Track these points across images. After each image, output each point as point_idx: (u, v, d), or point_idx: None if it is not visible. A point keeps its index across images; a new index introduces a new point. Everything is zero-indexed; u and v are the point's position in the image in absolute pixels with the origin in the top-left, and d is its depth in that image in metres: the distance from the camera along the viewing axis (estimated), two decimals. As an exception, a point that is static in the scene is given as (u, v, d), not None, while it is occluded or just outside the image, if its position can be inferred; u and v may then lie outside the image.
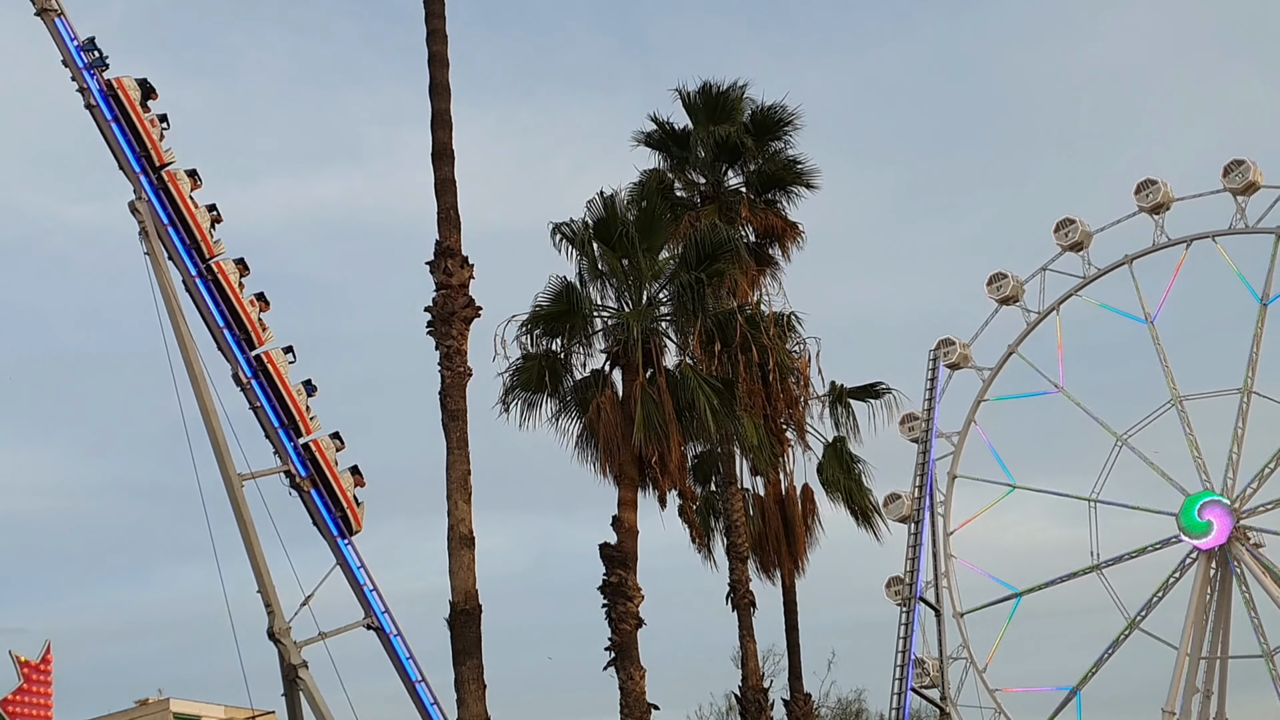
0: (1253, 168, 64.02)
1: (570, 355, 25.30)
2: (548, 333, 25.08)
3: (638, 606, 23.52)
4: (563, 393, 25.25)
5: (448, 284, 21.78)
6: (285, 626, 47.84)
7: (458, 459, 20.83)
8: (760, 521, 30.21)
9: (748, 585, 28.46)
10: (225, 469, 47.86)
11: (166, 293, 48.35)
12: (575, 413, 25.05)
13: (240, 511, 48.23)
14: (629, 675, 23.22)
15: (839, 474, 32.31)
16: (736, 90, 31.77)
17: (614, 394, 24.56)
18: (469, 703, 19.89)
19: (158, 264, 48.19)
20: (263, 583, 48.88)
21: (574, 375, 25.36)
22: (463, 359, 21.53)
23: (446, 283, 21.79)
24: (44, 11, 50.67)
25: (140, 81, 49.08)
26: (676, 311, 25.80)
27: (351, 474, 50.36)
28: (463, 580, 20.38)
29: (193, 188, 49.61)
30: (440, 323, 21.63)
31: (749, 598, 28.37)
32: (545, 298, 24.95)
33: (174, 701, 79.76)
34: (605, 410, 24.12)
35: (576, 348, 25.28)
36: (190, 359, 47.87)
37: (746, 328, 27.12)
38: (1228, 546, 63.84)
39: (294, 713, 49.57)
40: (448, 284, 21.78)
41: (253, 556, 48.35)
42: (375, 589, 51.57)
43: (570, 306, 24.87)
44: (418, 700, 50.71)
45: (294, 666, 47.84)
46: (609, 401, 24.29)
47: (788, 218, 32.30)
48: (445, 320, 21.60)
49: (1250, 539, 63.88)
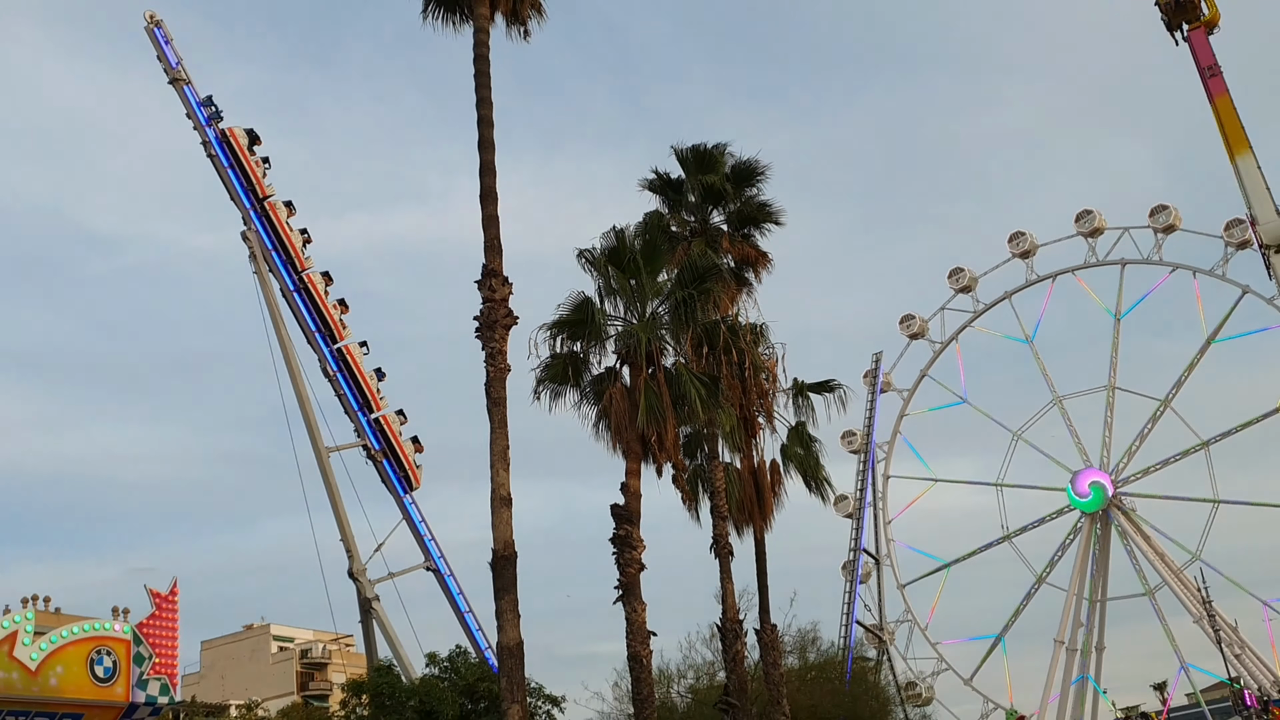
0: (1098, 215, 66.18)
1: (588, 355, 25.22)
2: (570, 337, 24.99)
3: (640, 554, 23.44)
4: (582, 385, 25.17)
5: (492, 298, 21.73)
6: (362, 567, 48.48)
7: (499, 436, 20.77)
8: (737, 488, 30.20)
9: (727, 539, 28.40)
10: (315, 443, 48.54)
11: (270, 303, 48.89)
12: (592, 401, 24.97)
13: (327, 477, 48.92)
14: (633, 609, 23.15)
15: (799, 452, 32.36)
16: (719, 148, 31.88)
17: (623, 387, 24.48)
18: (507, 629, 19.83)
19: (263, 281, 48.65)
20: (344, 533, 49.45)
21: (591, 371, 25.27)
22: (503, 358, 21.47)
23: (491, 297, 21.74)
24: (175, 80, 51.03)
25: (248, 131, 49.69)
26: (673, 322, 25.75)
27: (412, 442, 50.91)
28: (502, 532, 20.31)
29: (289, 215, 50.27)
30: (486, 329, 21.58)
31: (728, 548, 28.31)
32: (568, 309, 24.87)
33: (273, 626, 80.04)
34: (616, 399, 24.07)
35: (593, 349, 25.18)
36: (288, 355, 48.36)
37: (728, 335, 27.18)
38: (1108, 510, 64.18)
39: (369, 635, 49.94)
40: (492, 298, 21.73)
41: (336, 512, 48.91)
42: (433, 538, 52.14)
43: (588, 317, 24.78)
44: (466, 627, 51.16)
45: (368, 600, 48.41)
46: (619, 392, 24.23)
47: (760, 248, 32.29)
48: (490, 327, 21.55)
49: (1125, 503, 64.25)
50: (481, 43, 23.32)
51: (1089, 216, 66.09)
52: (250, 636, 77.93)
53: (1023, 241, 68.03)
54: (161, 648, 33.01)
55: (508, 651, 19.71)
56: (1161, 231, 63.64)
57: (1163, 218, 63.54)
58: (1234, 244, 60.32)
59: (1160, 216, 63.66)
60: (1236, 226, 59.52)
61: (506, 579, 20.05)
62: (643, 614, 23.25)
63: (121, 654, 31.73)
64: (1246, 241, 59.24)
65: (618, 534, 23.51)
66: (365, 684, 39.91)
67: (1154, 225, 63.86)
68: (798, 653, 47.32)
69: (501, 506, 20.39)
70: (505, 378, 21.31)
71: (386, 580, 48.97)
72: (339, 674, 68.90)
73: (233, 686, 71.16)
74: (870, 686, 53.41)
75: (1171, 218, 63.31)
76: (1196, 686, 60.47)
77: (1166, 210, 63.60)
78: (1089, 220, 66.01)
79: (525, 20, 25.06)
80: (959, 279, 69.99)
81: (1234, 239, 60.06)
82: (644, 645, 23.14)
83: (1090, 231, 66.11)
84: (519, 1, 24.65)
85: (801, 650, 47.91)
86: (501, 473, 20.51)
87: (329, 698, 65.35)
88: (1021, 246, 68.06)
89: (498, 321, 21.54)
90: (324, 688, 71.09)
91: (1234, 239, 60.06)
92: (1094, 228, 65.92)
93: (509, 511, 20.46)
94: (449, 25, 24.86)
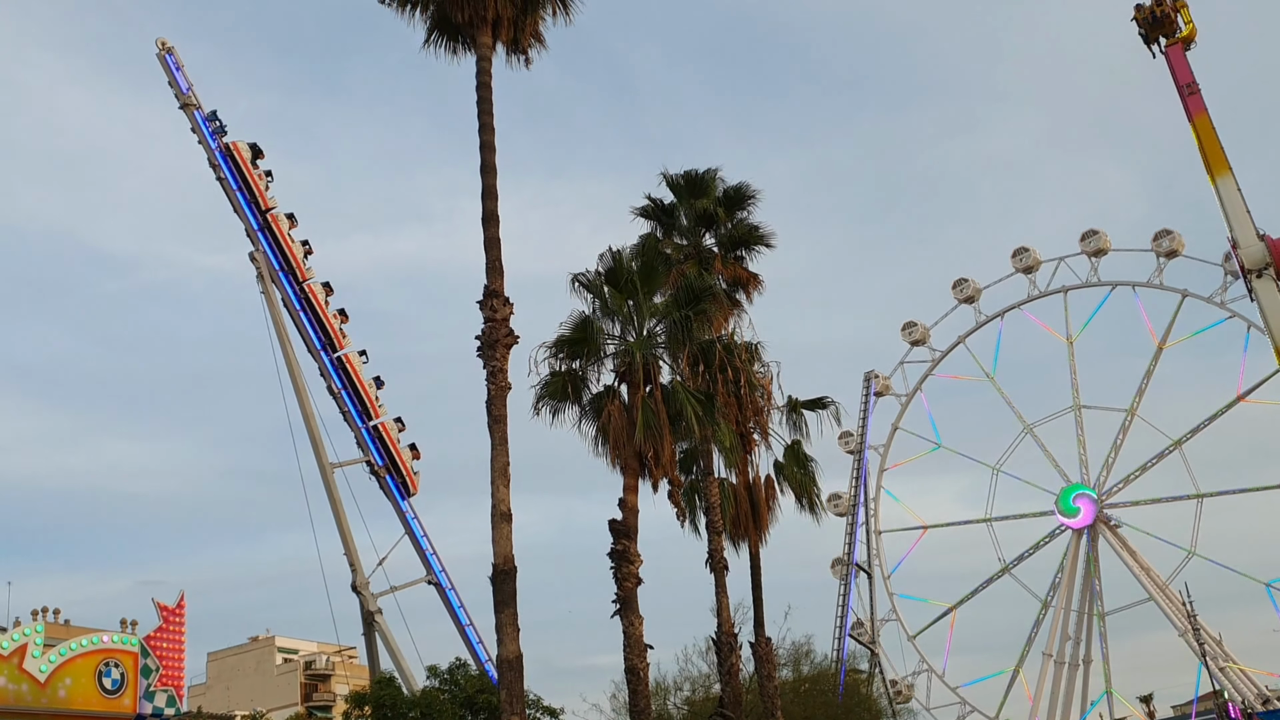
0: (1033, 251, 67.97)
1: (587, 373, 25.33)
2: (570, 356, 25.11)
3: (638, 569, 23.48)
4: (581, 402, 25.27)
5: (493, 318, 21.83)
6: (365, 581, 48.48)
7: (500, 453, 20.85)
8: (733, 504, 30.21)
9: (722, 553, 28.45)
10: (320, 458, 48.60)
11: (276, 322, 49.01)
12: (591, 418, 25.04)
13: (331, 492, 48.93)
14: (630, 622, 23.19)
15: (795, 469, 32.38)
16: (710, 173, 32.19)
17: (621, 404, 24.58)
18: (506, 642, 19.87)
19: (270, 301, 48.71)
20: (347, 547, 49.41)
21: (590, 389, 25.37)
22: (504, 376, 21.55)
23: (492, 317, 21.84)
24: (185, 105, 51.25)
25: (251, 145, 49.93)
26: (669, 341, 25.89)
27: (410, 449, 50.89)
28: (502, 547, 20.37)
29: (290, 227, 50.36)
30: (487, 348, 21.67)
31: (723, 563, 28.35)
32: (568, 329, 25.01)
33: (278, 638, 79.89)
34: (614, 416, 24.18)
35: (592, 368, 25.31)
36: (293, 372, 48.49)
37: (723, 354, 27.33)
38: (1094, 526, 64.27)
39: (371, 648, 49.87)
40: (493, 318, 21.83)
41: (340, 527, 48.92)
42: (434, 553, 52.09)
43: (587, 336, 24.93)
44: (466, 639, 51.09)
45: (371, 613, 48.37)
46: (617, 409, 24.33)
47: (751, 270, 32.49)
48: (491, 346, 21.64)
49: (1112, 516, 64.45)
50: (484, 70, 23.51)
51: (1025, 253, 68.61)
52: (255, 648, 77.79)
53: (1026, 257, 69.47)
54: (168, 660, 33.00)
55: (507, 664, 19.75)
56: (1093, 255, 65.78)
57: (1093, 242, 66.22)
58: (1164, 254, 62.82)
59: (1090, 241, 66.24)
60: (1165, 237, 62.13)
61: (506, 593, 20.11)
62: (640, 627, 23.29)
63: (129, 666, 31.74)
64: (1175, 250, 61.25)
65: (615, 548, 23.56)
66: (368, 695, 39.90)
67: (1085, 250, 66.22)
68: (792, 665, 47.29)
69: (502, 522, 20.45)
70: (506, 395, 21.40)
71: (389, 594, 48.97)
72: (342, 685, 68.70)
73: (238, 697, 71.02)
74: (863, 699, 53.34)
75: (1101, 241, 65.85)
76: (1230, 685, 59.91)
77: (1096, 235, 66.29)
78: (1025, 256, 68.53)
79: (526, 49, 25.25)
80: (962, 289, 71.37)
81: (1163, 249, 62.80)
82: (641, 658, 23.18)
83: (1026, 267, 68.52)
84: (520, 31, 24.84)
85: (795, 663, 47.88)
86: (502, 488, 20.58)
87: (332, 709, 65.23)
88: (1025, 262, 69.46)
89: (499, 341, 21.63)
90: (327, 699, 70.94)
91: (1163, 249, 62.80)
92: (1030, 263, 68.47)
93: (509, 527, 20.52)
94: (451, 54, 25.09)
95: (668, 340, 25.88)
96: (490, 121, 23.20)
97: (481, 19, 23.63)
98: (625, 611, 23.24)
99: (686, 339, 25.64)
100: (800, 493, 32.12)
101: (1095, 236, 65.45)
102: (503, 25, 24.14)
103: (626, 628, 23.21)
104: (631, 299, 25.60)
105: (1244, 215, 36.93)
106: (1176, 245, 63.49)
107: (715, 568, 28.19)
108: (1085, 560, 64.43)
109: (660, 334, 26.03)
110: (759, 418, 30.30)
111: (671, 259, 30.68)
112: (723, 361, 27.06)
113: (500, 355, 21.58)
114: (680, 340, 25.59)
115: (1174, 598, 59.35)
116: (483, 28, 23.70)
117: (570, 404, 25.11)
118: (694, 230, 32.17)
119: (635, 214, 32.35)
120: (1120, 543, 63.66)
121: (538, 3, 24.96)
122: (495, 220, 22.68)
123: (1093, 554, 64.97)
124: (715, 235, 32.41)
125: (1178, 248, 63.68)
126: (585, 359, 25.09)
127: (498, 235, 22.57)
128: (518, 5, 24.26)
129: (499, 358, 21.55)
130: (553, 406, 24.88)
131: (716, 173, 32.01)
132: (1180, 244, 63.43)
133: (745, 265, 32.33)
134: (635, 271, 25.66)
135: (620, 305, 25.64)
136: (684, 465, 29.46)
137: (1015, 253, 68.83)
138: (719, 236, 32.39)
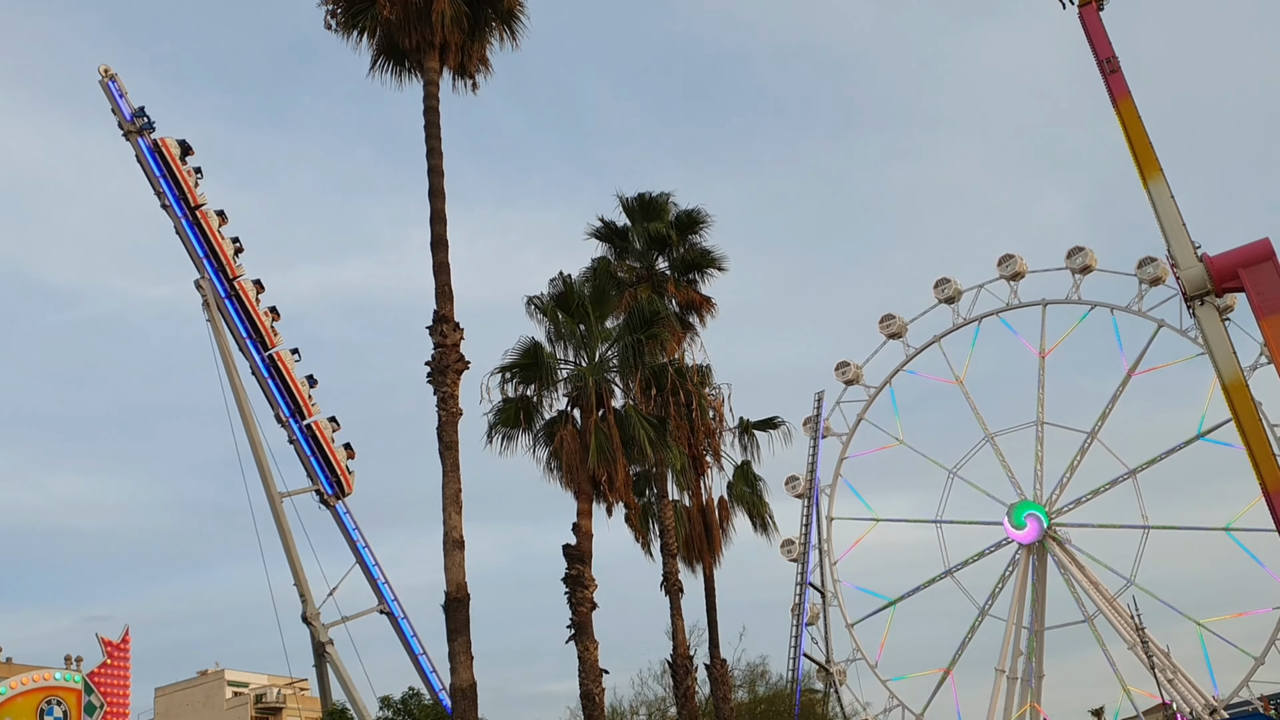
0: (1019, 259, 67.73)
1: (540, 399, 25.14)
2: (522, 381, 24.90)
3: (592, 593, 23.29)
4: (534, 428, 25.07)
5: (443, 344, 21.61)
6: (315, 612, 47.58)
7: (451, 480, 20.58)
8: (686, 526, 30.12)
9: (677, 575, 28.28)
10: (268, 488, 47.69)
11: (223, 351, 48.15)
12: (544, 443, 24.86)
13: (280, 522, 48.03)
14: (585, 647, 22.97)
15: (745, 490, 32.34)
16: (664, 197, 32.10)
17: (574, 428, 24.42)
18: (460, 671, 19.55)
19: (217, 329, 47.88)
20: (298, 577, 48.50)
21: (543, 414, 25.18)
22: (455, 402, 21.32)
23: (442, 343, 21.62)
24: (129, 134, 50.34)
25: (180, 141, 49.04)
26: (621, 365, 25.79)
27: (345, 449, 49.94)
28: (455, 574, 20.07)
29: (220, 224, 49.39)
30: (438, 374, 21.43)
31: (679, 585, 28.17)
32: (517, 353, 24.80)
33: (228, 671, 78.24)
34: (567, 441, 24.01)
35: (544, 393, 25.11)
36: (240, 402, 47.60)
37: (675, 377, 27.26)
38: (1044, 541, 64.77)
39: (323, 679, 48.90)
40: (443, 344, 21.61)
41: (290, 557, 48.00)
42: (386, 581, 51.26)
43: (539, 361, 24.75)
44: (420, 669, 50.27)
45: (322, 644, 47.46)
46: (570, 434, 24.16)
47: (704, 293, 32.45)
48: (441, 372, 21.40)
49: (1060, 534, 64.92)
50: (431, 94, 23.37)
51: (1011, 260, 67.90)
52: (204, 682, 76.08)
53: (947, 287, 69.63)
54: (113, 696, 32.17)
55: (461, 693, 19.43)
56: (1079, 272, 65.62)
57: (1079, 259, 65.47)
58: (1147, 280, 62.40)
59: (1077, 258, 65.56)
60: (1149, 264, 61.71)
61: (459, 621, 19.80)
62: (595, 652, 23.06)
63: (72, 703, 30.88)
64: (1159, 278, 61.07)
65: (570, 574, 23.35)
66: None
67: (1071, 266, 65.78)
68: (747, 686, 47.16)
69: (454, 549, 20.17)
70: (457, 422, 21.15)
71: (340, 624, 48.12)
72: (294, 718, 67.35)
73: (187, 733, 69.35)
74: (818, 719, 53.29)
75: (1087, 259, 65.29)
76: (1139, 710, 60.79)
77: (1083, 252, 65.54)
78: (1011, 264, 67.88)
79: (473, 74, 25.13)
80: (888, 325, 71.27)
81: (1147, 275, 62.22)
82: (596, 683, 22.94)
83: (1012, 275, 67.93)
84: (467, 57, 24.72)
85: (751, 684, 47.76)
86: (454, 516, 20.30)
87: (284, 742, 63.88)
88: (946, 293, 69.65)
89: (449, 366, 21.40)
90: (279, 732, 69.49)
91: (1147, 275, 62.22)
92: (1015, 271, 67.79)
93: (461, 554, 20.24)
94: (397, 79, 24.91)
95: (620, 364, 25.77)
96: (438, 146, 23.04)
97: (429, 44, 23.53)
98: (580, 637, 23.00)
99: (639, 363, 25.54)
100: (753, 513, 32.10)
101: (1081, 254, 65.54)
102: (450, 50, 24.03)
103: (581, 653, 22.97)
104: (583, 324, 25.48)
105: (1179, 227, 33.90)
106: (1090, 261, 64.54)
107: (670, 590, 27.99)
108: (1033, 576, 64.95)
109: (613, 358, 25.89)
110: (711, 440, 30.25)
111: (624, 282, 30.61)
112: (675, 385, 27.01)
113: (451, 381, 21.33)
114: (633, 364, 25.49)
115: (1122, 611, 59.94)
116: (430, 53, 23.60)
117: (523, 430, 24.89)
118: (647, 253, 32.14)
119: (589, 235, 32.26)
120: (1069, 558, 64.23)
121: (485, 29, 24.90)
122: (444, 245, 22.47)
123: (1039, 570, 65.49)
124: (668, 258, 32.38)
125: (1091, 263, 64.65)
126: (538, 385, 24.89)
127: (447, 260, 22.36)
128: (465, 31, 24.16)
129: (450, 383, 21.30)
130: (505, 433, 24.65)
131: (670, 196, 32.06)
132: (1094, 260, 64.67)
133: (698, 288, 32.33)
134: (587, 296, 25.55)
135: (572, 330, 25.50)
136: (638, 489, 29.28)
137: (937, 283, 69.43)
138: (672, 260, 32.36)
